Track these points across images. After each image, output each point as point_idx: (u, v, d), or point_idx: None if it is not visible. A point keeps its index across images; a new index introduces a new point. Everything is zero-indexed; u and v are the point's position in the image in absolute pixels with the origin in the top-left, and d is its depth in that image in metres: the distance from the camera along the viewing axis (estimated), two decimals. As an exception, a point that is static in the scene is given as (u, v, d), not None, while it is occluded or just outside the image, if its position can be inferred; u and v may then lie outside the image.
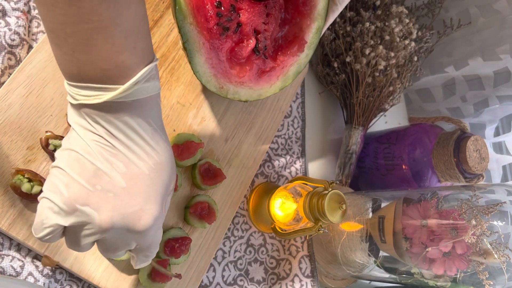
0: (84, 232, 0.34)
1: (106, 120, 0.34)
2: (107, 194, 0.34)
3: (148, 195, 0.35)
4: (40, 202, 0.35)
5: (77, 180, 0.33)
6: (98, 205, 0.33)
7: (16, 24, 0.48)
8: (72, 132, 0.35)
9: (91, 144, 0.34)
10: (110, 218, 0.33)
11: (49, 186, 0.34)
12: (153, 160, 0.36)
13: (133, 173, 0.35)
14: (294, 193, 0.59)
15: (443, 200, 0.58)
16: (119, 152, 0.34)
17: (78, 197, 0.33)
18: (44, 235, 0.34)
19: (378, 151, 0.79)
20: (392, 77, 0.74)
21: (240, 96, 0.55)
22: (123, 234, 0.35)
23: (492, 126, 0.89)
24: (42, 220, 0.34)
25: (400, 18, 0.75)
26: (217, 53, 0.52)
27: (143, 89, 0.34)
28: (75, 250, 0.36)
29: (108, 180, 0.34)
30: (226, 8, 0.51)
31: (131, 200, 0.34)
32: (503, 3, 0.79)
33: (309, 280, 0.68)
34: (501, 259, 0.51)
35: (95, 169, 0.34)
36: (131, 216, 0.34)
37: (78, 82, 0.33)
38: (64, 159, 0.34)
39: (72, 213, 0.33)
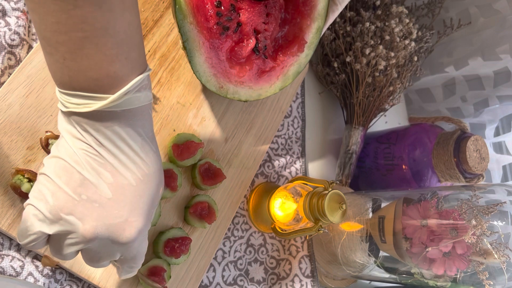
0: (68, 241, 0.34)
1: (95, 129, 0.34)
2: (93, 204, 0.34)
3: (134, 207, 0.35)
4: (26, 208, 0.35)
5: (63, 189, 0.33)
6: (82, 214, 0.33)
7: (16, 24, 0.48)
8: (61, 140, 0.35)
9: (79, 152, 0.34)
10: (94, 229, 0.33)
11: (35, 193, 0.34)
12: (142, 171, 0.36)
13: (120, 184, 0.34)
14: (294, 193, 0.59)
15: (443, 200, 0.58)
16: (107, 162, 0.34)
17: (63, 206, 0.33)
18: (28, 242, 0.34)
19: (378, 151, 0.79)
20: (392, 77, 0.74)
21: (240, 96, 0.55)
22: (107, 245, 0.35)
23: (492, 126, 0.89)
24: (27, 227, 0.34)
25: (400, 18, 0.75)
26: (217, 52, 0.52)
27: (134, 99, 0.34)
28: (58, 258, 0.36)
29: (94, 190, 0.34)
30: (226, 8, 0.51)
31: (116, 211, 0.34)
32: (503, 3, 0.79)
33: (309, 280, 0.68)
34: (501, 259, 0.51)
35: (81, 179, 0.34)
36: (115, 227, 0.34)
37: (68, 90, 0.33)
38: (51, 167, 0.34)
39: (57, 222, 0.33)
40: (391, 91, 0.77)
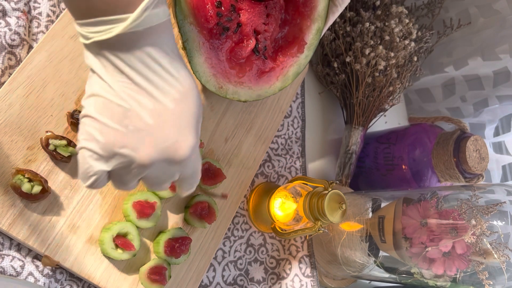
0: (128, 173, 0.36)
1: (123, 55, 0.34)
2: (141, 132, 0.34)
3: (180, 127, 0.36)
4: (79, 152, 0.35)
5: (109, 124, 0.34)
6: (135, 145, 0.34)
7: (16, 24, 0.48)
8: (92, 77, 0.35)
9: (113, 85, 0.34)
10: (149, 155, 0.34)
11: (84, 135, 0.35)
12: (177, 90, 0.36)
13: (159, 108, 0.35)
14: (294, 193, 0.60)
15: (443, 200, 0.58)
16: (142, 88, 0.34)
17: (114, 141, 0.34)
18: (91, 183, 0.35)
19: (378, 151, 0.79)
20: (392, 77, 0.75)
21: (239, 96, 0.55)
22: (165, 168, 0.36)
23: (492, 126, 0.89)
24: (86, 169, 0.35)
25: (400, 18, 0.75)
26: (217, 53, 0.52)
27: (153, 15, 0.34)
28: (123, 189, 0.38)
29: (138, 119, 0.34)
30: (226, 8, 0.51)
31: (165, 135, 0.35)
32: (503, 3, 0.79)
33: (309, 280, 0.68)
34: (501, 259, 0.51)
35: (124, 110, 0.34)
36: (168, 149, 0.35)
37: (87, 19, 0.33)
38: (91, 106, 0.35)
39: (113, 157, 0.34)
40: (391, 91, 0.77)
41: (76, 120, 0.48)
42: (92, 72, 0.36)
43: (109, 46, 0.34)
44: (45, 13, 0.51)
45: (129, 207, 0.50)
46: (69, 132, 0.49)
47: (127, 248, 0.48)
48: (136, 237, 0.50)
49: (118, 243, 0.48)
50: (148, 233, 0.53)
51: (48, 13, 0.51)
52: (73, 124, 0.49)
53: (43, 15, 0.51)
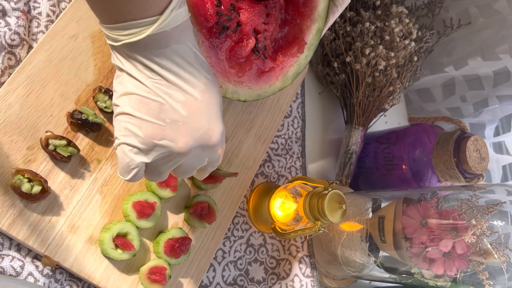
0: (166, 163, 0.39)
1: (152, 55, 0.36)
2: (177, 124, 0.37)
3: (210, 116, 0.39)
4: (118, 148, 0.38)
5: (147, 119, 0.36)
6: (172, 136, 0.37)
7: (16, 24, 0.48)
8: (121, 76, 0.38)
9: (146, 82, 0.36)
10: (186, 144, 0.37)
11: (122, 132, 0.37)
12: (203, 82, 0.38)
13: (190, 100, 0.37)
14: (294, 193, 0.59)
15: (443, 200, 0.58)
16: (172, 83, 0.37)
17: (153, 134, 0.37)
18: (133, 176, 0.38)
19: (378, 151, 0.79)
20: (392, 77, 0.74)
21: (239, 95, 0.55)
22: (199, 154, 0.39)
23: (492, 126, 0.89)
24: (128, 163, 0.38)
25: (400, 18, 0.75)
26: (216, 52, 0.52)
27: (178, 15, 0.36)
28: (156, 180, 0.41)
29: (173, 111, 0.37)
30: (226, 7, 0.51)
31: (198, 124, 0.38)
32: (503, 3, 0.79)
33: (309, 280, 0.68)
34: (501, 259, 0.51)
35: (158, 105, 0.36)
36: (202, 137, 0.38)
37: (117, 23, 0.35)
38: (126, 104, 0.37)
39: (152, 149, 0.37)
40: (391, 91, 0.77)
41: (76, 120, 0.48)
42: (119, 72, 0.38)
43: (139, 47, 0.36)
44: (45, 13, 0.51)
45: (129, 207, 0.50)
46: (69, 132, 0.49)
47: (127, 248, 0.48)
48: (136, 237, 0.50)
49: (118, 243, 0.48)
50: (148, 233, 0.53)
51: (48, 13, 0.51)
52: (73, 124, 0.49)
53: (43, 15, 0.51)
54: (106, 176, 0.51)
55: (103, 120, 0.50)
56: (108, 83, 0.52)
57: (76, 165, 0.49)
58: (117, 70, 0.38)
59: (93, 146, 0.50)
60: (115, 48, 0.37)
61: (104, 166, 0.51)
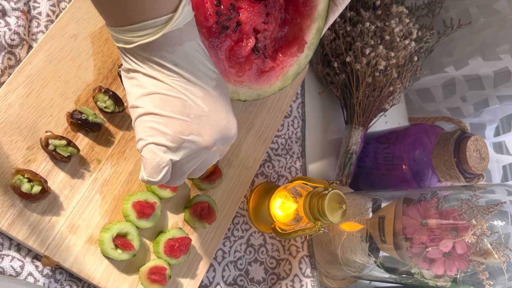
0: (190, 160, 0.39)
1: (167, 54, 0.36)
2: (201, 119, 0.38)
3: (226, 109, 0.40)
4: (145, 149, 0.38)
5: (173, 117, 0.37)
6: (199, 130, 0.38)
7: (16, 24, 0.48)
8: (138, 78, 0.37)
9: (166, 80, 0.36)
10: (212, 137, 0.38)
11: (148, 132, 0.37)
12: (214, 77, 0.39)
13: (207, 95, 0.38)
14: (294, 193, 0.59)
15: (443, 200, 0.58)
16: (189, 80, 0.37)
17: (182, 130, 0.37)
18: (163, 176, 0.38)
19: (378, 151, 0.79)
20: (392, 77, 0.74)
21: (239, 95, 0.55)
22: (218, 148, 0.41)
23: (492, 126, 0.89)
24: (158, 162, 0.37)
25: (400, 18, 0.75)
26: (216, 51, 0.52)
27: (188, 11, 0.36)
28: (177, 184, 0.41)
29: (196, 107, 0.37)
30: (225, 7, 0.51)
31: (219, 117, 0.39)
32: (503, 3, 0.79)
33: (309, 280, 0.68)
34: (501, 259, 0.51)
35: (182, 102, 0.37)
36: (224, 129, 0.39)
37: (130, 25, 0.35)
38: (149, 104, 0.37)
39: (180, 146, 0.37)
40: (391, 91, 0.77)
41: (75, 120, 0.48)
42: (133, 73, 0.37)
43: (155, 47, 0.35)
44: (45, 13, 0.51)
45: (129, 207, 0.50)
46: (69, 132, 0.49)
47: (127, 248, 0.48)
48: (136, 237, 0.50)
49: (118, 243, 0.48)
50: (148, 233, 0.53)
51: (47, 13, 0.51)
52: (73, 124, 0.49)
53: (42, 15, 0.51)
54: (106, 176, 0.51)
55: (103, 120, 0.50)
56: (108, 83, 0.52)
57: (76, 165, 0.49)
58: (128, 72, 0.38)
59: (93, 146, 0.50)
60: (127, 50, 0.37)
61: (104, 166, 0.51)
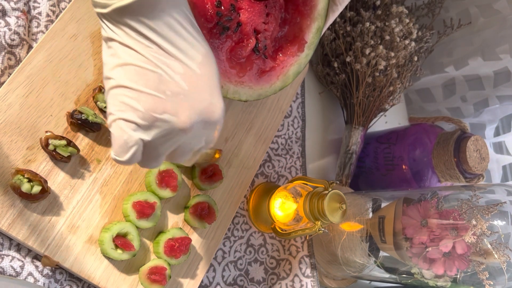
0: (166, 141, 0.35)
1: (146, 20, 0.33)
2: (179, 97, 0.34)
3: (211, 89, 0.36)
4: (114, 125, 0.34)
5: (146, 92, 0.33)
6: (174, 109, 0.34)
7: (16, 24, 0.48)
8: (114, 48, 0.34)
9: (143, 51, 0.33)
10: (189, 118, 0.34)
11: (118, 107, 0.34)
12: (201, 53, 0.35)
13: (189, 72, 0.34)
14: (294, 193, 0.59)
15: (443, 200, 0.58)
16: (170, 53, 0.34)
17: (154, 107, 0.33)
18: (131, 156, 0.34)
19: (378, 151, 0.79)
20: (392, 77, 0.74)
21: (240, 95, 0.55)
22: (199, 132, 0.36)
23: (492, 126, 0.89)
24: (125, 140, 0.34)
25: (400, 18, 0.75)
26: (217, 52, 0.52)
27: None
28: (152, 166, 0.37)
29: (174, 83, 0.34)
30: (226, 8, 0.51)
31: (200, 98, 0.35)
32: (503, 3, 0.79)
33: (309, 280, 0.68)
34: (501, 259, 0.51)
35: (157, 76, 0.33)
36: (205, 111, 0.35)
37: None
38: (122, 76, 0.33)
39: (152, 125, 0.34)
40: (391, 91, 0.77)
41: (75, 120, 0.48)
42: (110, 43, 0.34)
43: (132, 11, 0.32)
44: (45, 13, 0.51)
45: (129, 207, 0.50)
46: (69, 132, 0.49)
47: (127, 248, 0.48)
48: (136, 237, 0.50)
49: (118, 243, 0.48)
50: (148, 233, 0.53)
51: (47, 13, 0.51)
52: (73, 124, 0.49)
53: (42, 15, 0.51)
54: (106, 176, 0.51)
55: (103, 120, 0.50)
56: (108, 83, 0.52)
57: (76, 165, 0.49)
58: (107, 42, 0.35)
59: (93, 146, 0.50)
60: (104, 16, 0.33)
61: (104, 166, 0.51)
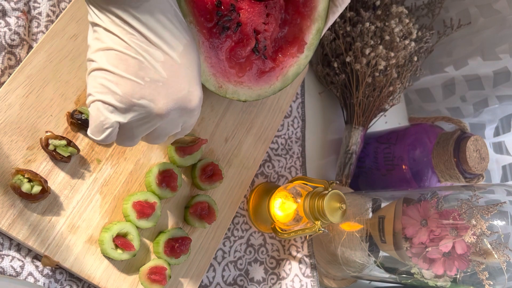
0: (142, 125, 0.36)
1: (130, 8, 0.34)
2: (157, 84, 0.35)
3: (189, 78, 0.37)
4: (92, 106, 0.36)
5: (125, 76, 0.34)
6: (152, 96, 0.35)
7: (16, 24, 0.48)
8: (99, 32, 0.35)
9: (125, 38, 0.34)
10: (166, 105, 0.36)
11: (97, 89, 0.35)
12: (182, 43, 0.37)
13: (170, 60, 0.36)
14: (294, 193, 0.59)
15: (443, 200, 0.58)
16: (151, 41, 0.35)
17: (132, 92, 0.35)
18: (105, 136, 0.36)
19: (378, 151, 0.79)
20: (392, 77, 0.74)
21: (239, 95, 0.55)
22: (176, 118, 0.38)
23: (492, 126, 0.89)
24: (101, 121, 0.35)
25: (400, 18, 0.75)
26: (217, 52, 0.52)
27: None
28: (127, 145, 0.39)
29: (153, 70, 0.35)
30: (226, 8, 0.51)
31: (178, 86, 0.36)
32: (503, 3, 0.79)
33: (309, 280, 0.68)
34: (501, 259, 0.51)
35: (138, 63, 0.35)
36: (182, 99, 0.37)
37: None
38: (103, 60, 0.35)
39: (130, 109, 0.35)
40: (391, 91, 0.77)
41: (76, 120, 0.48)
42: (95, 27, 0.35)
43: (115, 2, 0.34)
44: (45, 13, 0.51)
45: (129, 207, 0.50)
46: (69, 132, 0.49)
47: (127, 248, 0.48)
48: (136, 237, 0.50)
49: (118, 243, 0.48)
50: (148, 233, 0.53)
51: (48, 13, 0.51)
52: (73, 124, 0.49)
53: (43, 15, 0.51)
54: (106, 176, 0.51)
55: (103, 120, 0.50)
56: (108, 83, 0.52)
57: (76, 165, 0.49)
58: (92, 26, 0.36)
59: (93, 146, 0.50)
60: (90, 2, 0.35)
61: (104, 166, 0.51)
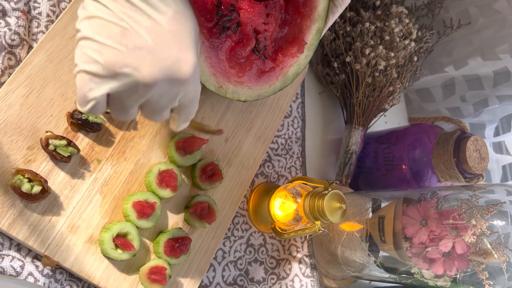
0: (131, 95, 0.35)
1: None
2: (142, 51, 0.34)
3: (180, 45, 0.35)
4: (78, 76, 0.35)
5: (108, 44, 0.33)
6: (136, 64, 0.34)
7: (16, 24, 0.48)
8: (86, 2, 0.35)
9: (109, 4, 0.33)
10: (151, 74, 0.34)
11: (81, 58, 0.34)
12: (172, 9, 0.35)
13: (157, 27, 0.34)
14: (294, 193, 0.59)
15: (443, 200, 0.58)
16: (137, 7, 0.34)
17: (115, 61, 0.33)
18: (90, 108, 0.35)
19: (378, 151, 0.79)
20: (392, 77, 0.74)
21: (239, 95, 0.55)
22: (167, 89, 0.36)
23: (492, 126, 0.89)
24: (85, 93, 0.34)
25: (400, 18, 0.75)
26: (217, 52, 0.52)
27: None
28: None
29: (137, 37, 0.34)
30: (226, 8, 0.51)
31: (165, 53, 0.34)
32: (503, 3, 0.79)
33: (309, 280, 0.68)
34: (501, 259, 0.51)
35: (121, 30, 0.33)
36: (170, 67, 0.35)
37: None
38: (87, 28, 0.34)
39: (114, 78, 0.34)
40: (391, 91, 0.77)
41: (76, 120, 0.48)
42: None
43: None
44: (45, 13, 0.51)
45: (129, 207, 0.50)
46: (69, 132, 0.49)
47: (127, 248, 0.48)
48: (136, 237, 0.50)
49: (118, 243, 0.48)
50: (148, 233, 0.53)
51: (48, 13, 0.51)
52: (73, 124, 0.49)
53: (43, 15, 0.51)
54: (106, 176, 0.51)
55: (103, 120, 0.50)
56: (108, 83, 0.52)
57: (76, 165, 0.49)
58: None
59: (93, 146, 0.50)
60: None
61: (104, 166, 0.51)
